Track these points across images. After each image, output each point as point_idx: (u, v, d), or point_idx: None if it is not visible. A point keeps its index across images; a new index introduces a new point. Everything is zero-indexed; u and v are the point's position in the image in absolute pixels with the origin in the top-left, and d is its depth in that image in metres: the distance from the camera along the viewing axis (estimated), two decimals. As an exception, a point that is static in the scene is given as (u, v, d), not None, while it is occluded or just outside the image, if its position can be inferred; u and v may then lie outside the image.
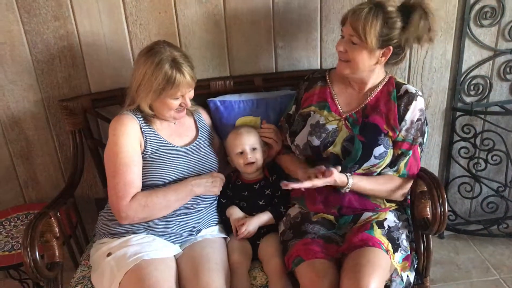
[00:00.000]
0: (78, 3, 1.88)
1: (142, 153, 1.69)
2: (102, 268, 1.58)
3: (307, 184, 1.57)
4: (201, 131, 1.87)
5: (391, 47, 1.61)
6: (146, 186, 1.69)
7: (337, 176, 1.59)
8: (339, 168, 1.63)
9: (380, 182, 1.69)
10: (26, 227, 1.55)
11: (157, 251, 1.58)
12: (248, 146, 1.80)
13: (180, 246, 1.69)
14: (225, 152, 1.90)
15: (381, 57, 1.63)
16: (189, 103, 1.72)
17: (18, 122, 2.05)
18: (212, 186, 1.73)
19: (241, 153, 1.80)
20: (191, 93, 1.72)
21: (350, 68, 1.66)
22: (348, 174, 1.64)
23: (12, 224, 2.01)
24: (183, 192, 1.68)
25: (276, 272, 1.64)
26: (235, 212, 1.79)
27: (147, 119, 1.72)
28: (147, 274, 1.48)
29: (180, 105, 1.70)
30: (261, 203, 1.80)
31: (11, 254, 1.83)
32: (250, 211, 1.80)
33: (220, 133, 1.96)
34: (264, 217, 1.77)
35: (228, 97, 1.98)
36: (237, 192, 1.84)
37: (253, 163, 1.80)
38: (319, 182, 1.58)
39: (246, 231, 1.72)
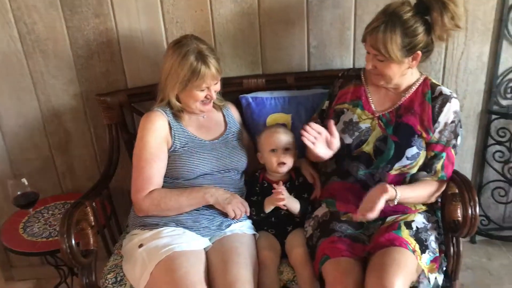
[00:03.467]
0: (118, 1, 1.95)
1: (170, 149, 1.74)
2: (134, 259, 1.63)
3: (371, 216, 1.53)
4: (230, 126, 1.90)
5: (419, 52, 1.60)
6: (176, 179, 1.74)
7: (389, 191, 1.57)
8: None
9: (420, 189, 1.67)
10: (63, 215, 1.61)
11: (188, 243, 1.62)
12: (282, 145, 1.79)
13: (210, 239, 1.72)
14: (254, 148, 1.91)
15: (412, 61, 1.62)
16: (214, 96, 1.76)
17: (57, 114, 2.13)
18: (226, 202, 1.72)
19: (274, 151, 1.79)
20: (217, 86, 1.76)
21: (383, 80, 1.68)
22: (392, 186, 1.60)
23: (50, 212, 2.10)
24: (195, 198, 1.71)
25: (300, 261, 1.67)
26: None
27: (176, 115, 1.77)
28: (177, 265, 1.52)
29: (206, 97, 1.75)
30: (282, 212, 1.79)
31: (48, 240, 1.91)
32: (274, 219, 1.81)
33: (251, 129, 1.98)
34: (294, 203, 1.76)
35: (260, 94, 2.01)
36: (264, 194, 1.81)
37: (284, 164, 1.79)
38: (378, 207, 1.53)
39: (283, 196, 1.70)
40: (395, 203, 1.61)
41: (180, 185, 1.74)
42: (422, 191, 1.68)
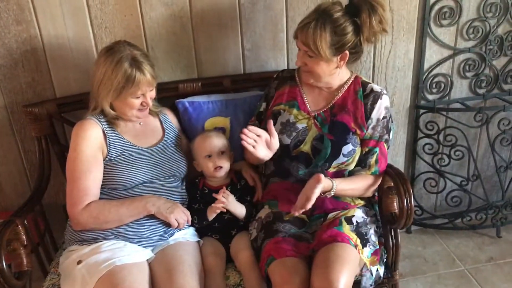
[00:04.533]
0: (41, 7, 1.85)
1: (106, 158, 1.68)
2: (73, 276, 1.55)
3: (308, 206, 1.56)
4: (168, 132, 1.86)
5: (347, 51, 1.64)
6: (113, 190, 1.68)
7: (324, 181, 1.59)
8: (321, 176, 1.59)
9: (357, 182, 1.72)
10: (-9, 236, 1.51)
11: (129, 256, 1.56)
12: (217, 149, 1.78)
13: (152, 250, 1.67)
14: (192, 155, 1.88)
15: (340, 61, 1.66)
16: (150, 103, 1.72)
17: (-20, 129, 2.00)
18: (168, 211, 1.67)
19: (209, 156, 1.78)
20: (152, 93, 1.72)
21: (313, 78, 1.71)
22: (329, 178, 1.65)
23: (-23, 234, 1.95)
24: (136, 208, 1.65)
25: (246, 264, 1.66)
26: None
27: (111, 122, 1.71)
28: (120, 279, 1.47)
29: (141, 104, 1.70)
30: (226, 217, 1.78)
31: (-24, 265, 1.77)
32: (217, 225, 1.78)
33: (189, 135, 1.95)
34: (239, 208, 1.75)
35: (197, 98, 1.98)
36: (205, 201, 1.79)
37: (221, 167, 1.78)
38: (314, 197, 1.56)
39: (224, 199, 1.69)
40: (332, 194, 1.65)
41: (118, 196, 1.68)
42: (359, 184, 1.72)
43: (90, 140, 1.66)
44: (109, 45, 1.69)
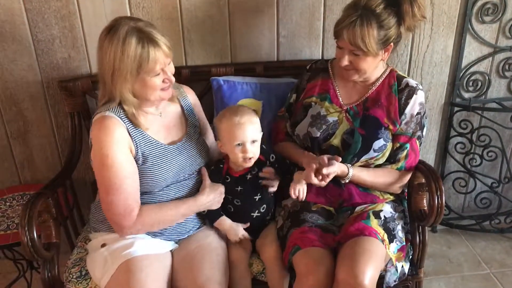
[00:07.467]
0: (80, -16, 1.86)
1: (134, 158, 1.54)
2: (96, 257, 1.57)
3: (315, 182, 1.56)
4: (190, 119, 1.72)
5: (392, 44, 1.62)
6: (144, 194, 1.57)
7: (338, 166, 1.60)
8: (339, 158, 1.60)
9: (379, 175, 1.70)
10: (24, 206, 1.54)
11: (151, 246, 1.56)
12: (250, 138, 1.58)
13: (177, 242, 1.66)
14: (214, 134, 1.77)
15: (384, 53, 1.64)
16: (172, 78, 1.52)
17: (16, 102, 2.03)
18: (218, 200, 1.67)
19: (239, 144, 1.59)
20: (171, 66, 1.52)
21: (358, 75, 1.67)
22: (348, 164, 1.65)
23: (8, 204, 2.00)
24: (191, 211, 1.63)
25: (271, 258, 1.65)
26: (225, 223, 1.69)
27: (132, 118, 1.52)
28: (138, 268, 1.46)
29: (163, 81, 1.51)
30: (257, 198, 1.69)
31: (6, 234, 1.82)
32: (245, 209, 1.71)
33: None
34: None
35: (231, 78, 1.97)
36: (229, 189, 1.68)
37: (251, 158, 1.61)
38: (324, 182, 1.57)
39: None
40: (347, 180, 1.65)
41: (144, 201, 1.57)
42: (380, 178, 1.70)
43: (119, 141, 1.48)
44: (108, 25, 1.47)
